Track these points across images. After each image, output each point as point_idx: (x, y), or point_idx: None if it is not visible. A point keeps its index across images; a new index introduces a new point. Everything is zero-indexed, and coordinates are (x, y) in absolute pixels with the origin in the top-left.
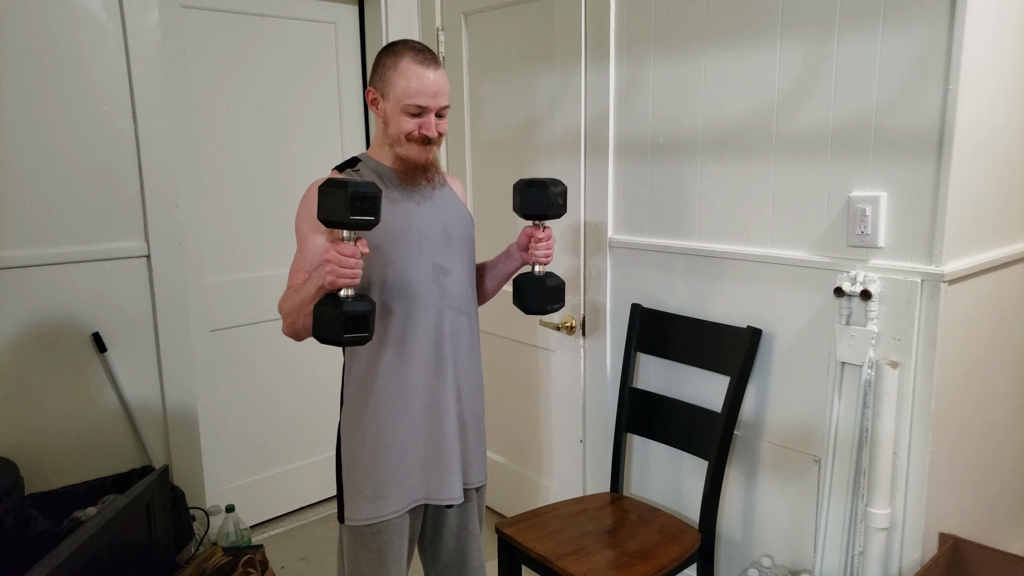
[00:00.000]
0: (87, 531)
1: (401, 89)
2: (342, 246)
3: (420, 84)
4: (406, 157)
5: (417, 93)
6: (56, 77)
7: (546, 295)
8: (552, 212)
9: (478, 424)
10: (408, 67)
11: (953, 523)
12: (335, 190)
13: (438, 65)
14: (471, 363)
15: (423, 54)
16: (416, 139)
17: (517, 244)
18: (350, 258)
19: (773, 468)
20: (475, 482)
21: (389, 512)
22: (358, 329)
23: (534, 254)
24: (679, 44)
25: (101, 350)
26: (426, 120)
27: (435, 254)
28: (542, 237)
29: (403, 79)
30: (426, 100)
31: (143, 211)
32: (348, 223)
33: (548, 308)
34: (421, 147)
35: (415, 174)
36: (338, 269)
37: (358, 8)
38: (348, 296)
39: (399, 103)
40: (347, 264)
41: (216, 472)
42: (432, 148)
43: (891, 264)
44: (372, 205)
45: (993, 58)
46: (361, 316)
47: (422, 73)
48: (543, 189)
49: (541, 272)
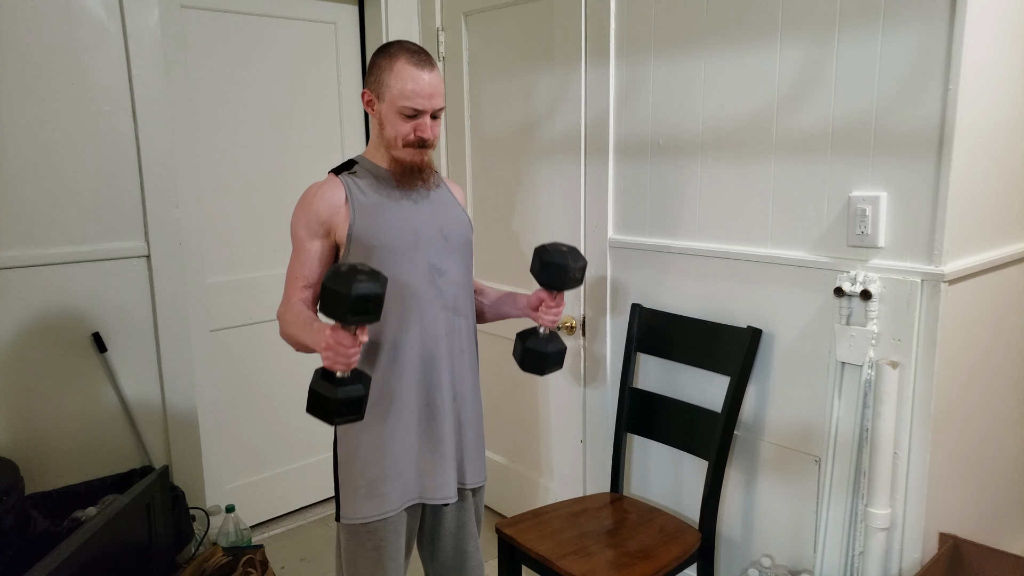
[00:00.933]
0: (87, 531)
1: (397, 91)
2: (342, 336)
3: (415, 86)
4: (401, 159)
5: (412, 95)
6: (56, 77)
7: (548, 359)
8: (568, 286)
9: (476, 424)
10: (403, 69)
11: (953, 523)
12: (337, 288)
13: (433, 66)
14: (468, 363)
15: (418, 55)
16: (412, 142)
17: (527, 303)
18: (350, 348)
19: (773, 468)
20: (473, 482)
21: (385, 511)
22: (351, 412)
23: (542, 317)
24: (679, 44)
25: (101, 350)
26: (421, 122)
27: (431, 255)
28: (553, 304)
29: (398, 81)
30: (421, 102)
31: (143, 211)
32: (350, 322)
33: (546, 372)
34: (416, 149)
35: (411, 176)
36: (335, 357)
37: (358, 8)
38: (344, 377)
39: (394, 105)
40: (345, 354)
41: (216, 472)
42: (427, 150)
43: (891, 264)
44: (375, 304)
45: (993, 58)
46: (355, 401)
47: (417, 75)
48: (563, 264)
49: (545, 332)
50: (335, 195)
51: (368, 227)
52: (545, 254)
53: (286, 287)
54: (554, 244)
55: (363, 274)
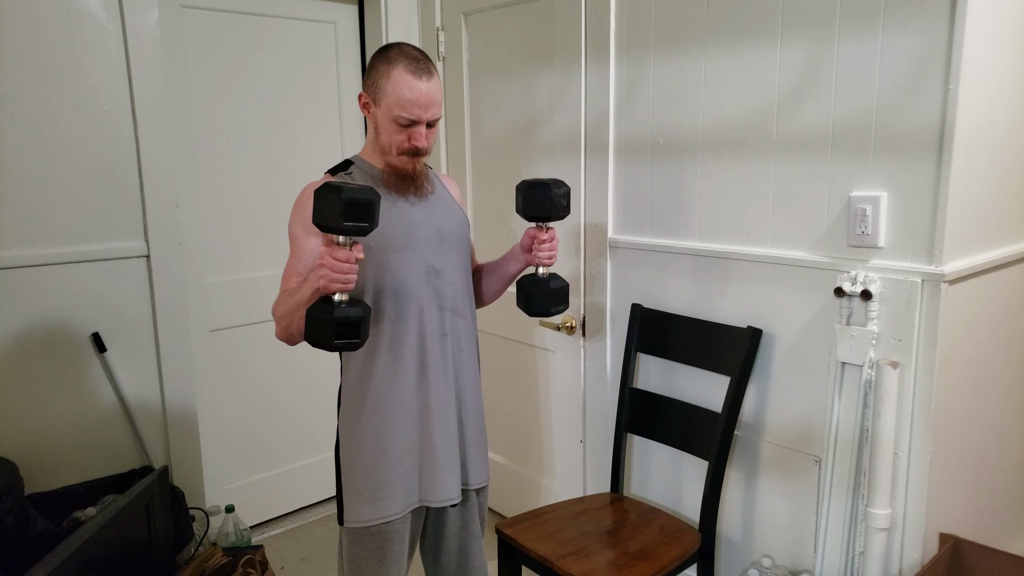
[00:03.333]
0: (87, 531)
1: (393, 99)
2: (336, 251)
3: (412, 96)
4: (394, 166)
5: (408, 105)
6: (56, 77)
7: (549, 297)
8: (555, 213)
9: (478, 425)
10: (401, 77)
11: (953, 523)
12: (330, 195)
13: (431, 74)
14: (468, 363)
15: (417, 63)
16: (406, 150)
17: (520, 245)
18: (344, 263)
19: (773, 468)
20: (476, 483)
21: (388, 514)
22: (349, 335)
23: (537, 255)
24: (679, 44)
25: (101, 350)
26: (416, 131)
27: (428, 255)
28: (545, 238)
29: (395, 89)
30: (417, 112)
31: (143, 211)
32: (343, 229)
33: (552, 310)
34: (409, 158)
35: (402, 183)
36: (331, 274)
37: (358, 8)
38: (342, 301)
39: (390, 112)
40: (341, 269)
41: (216, 472)
42: (419, 159)
43: (891, 264)
44: (368, 211)
45: (993, 58)
46: (353, 322)
47: (414, 84)
48: (546, 190)
49: (545, 273)
50: None
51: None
52: (526, 186)
53: (281, 285)
54: (534, 178)
55: (353, 184)
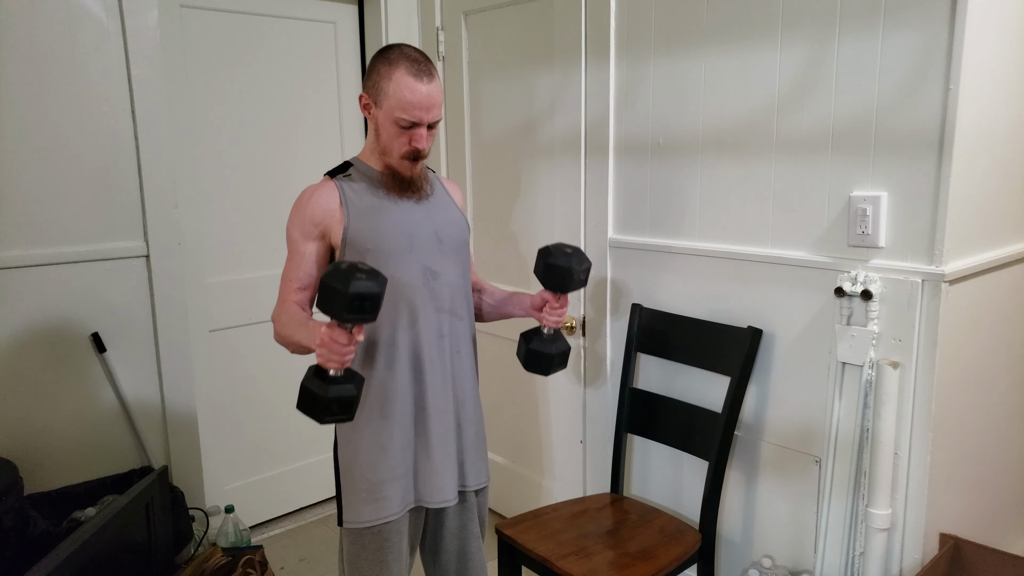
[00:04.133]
0: (86, 531)
1: (394, 101)
2: (338, 334)
3: (413, 98)
4: (393, 169)
5: (409, 107)
6: (56, 77)
7: (552, 360)
8: (573, 288)
9: (476, 426)
10: (402, 79)
11: (954, 523)
12: (335, 285)
13: (432, 76)
14: (466, 365)
15: (418, 64)
16: (406, 153)
17: (531, 303)
18: (345, 347)
19: (773, 468)
20: (474, 484)
21: (388, 514)
22: (340, 412)
23: (547, 318)
24: (679, 44)
25: (100, 350)
26: (417, 133)
27: (426, 258)
28: (557, 305)
29: (396, 91)
30: (418, 114)
31: (142, 211)
32: (346, 319)
33: (551, 372)
34: (409, 162)
35: (401, 186)
36: (329, 354)
37: (358, 8)
38: (337, 375)
39: (391, 115)
40: (339, 352)
41: (215, 472)
42: (419, 163)
43: (892, 264)
44: (372, 304)
45: (993, 58)
46: (346, 400)
47: (415, 86)
48: (568, 265)
49: (549, 332)
50: (329, 198)
51: (362, 230)
52: (549, 256)
53: (280, 290)
54: (558, 245)
55: (362, 272)
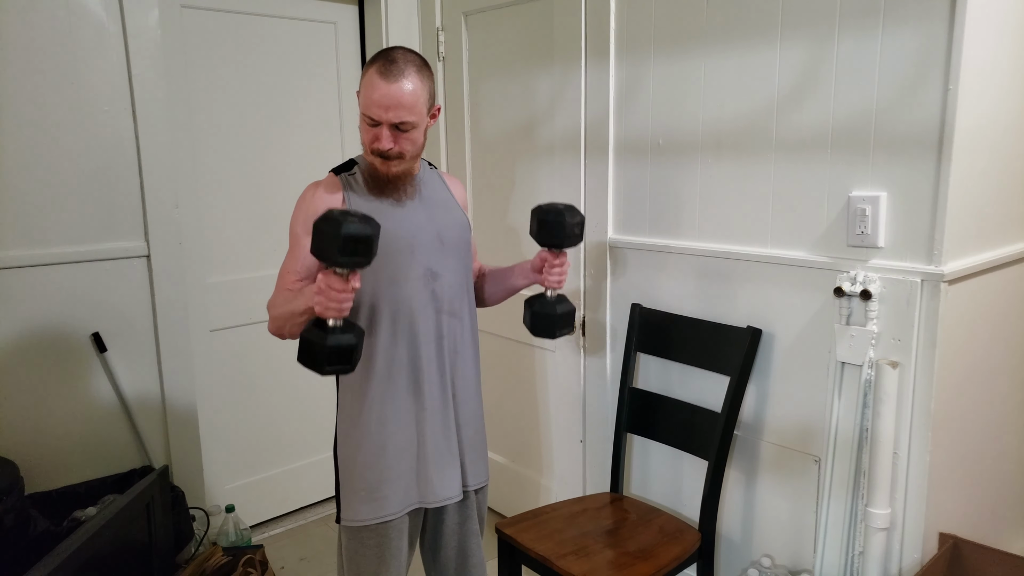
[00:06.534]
0: (87, 531)
1: (363, 99)
2: (333, 280)
3: (373, 95)
4: (371, 167)
5: (369, 103)
6: (56, 77)
7: (556, 320)
8: (569, 242)
9: (476, 425)
10: (370, 75)
11: (953, 523)
12: (328, 229)
13: (401, 78)
14: (467, 365)
15: (392, 65)
16: (371, 151)
17: (531, 266)
18: (340, 292)
19: (773, 468)
20: (474, 484)
21: (385, 514)
22: (340, 361)
23: (548, 278)
24: (679, 44)
25: (101, 350)
26: (378, 131)
27: (427, 258)
28: (556, 263)
29: (365, 88)
30: (377, 112)
31: (143, 211)
32: (340, 263)
33: (557, 333)
34: (382, 160)
35: (381, 186)
36: (326, 302)
37: (358, 8)
38: (336, 326)
39: (362, 111)
40: (337, 299)
41: (216, 472)
42: (392, 163)
43: (891, 264)
44: (366, 246)
45: (993, 58)
46: (345, 349)
47: (378, 83)
48: (560, 219)
49: (553, 295)
50: (333, 196)
51: None
52: (541, 212)
53: (277, 283)
54: (550, 203)
55: (354, 216)
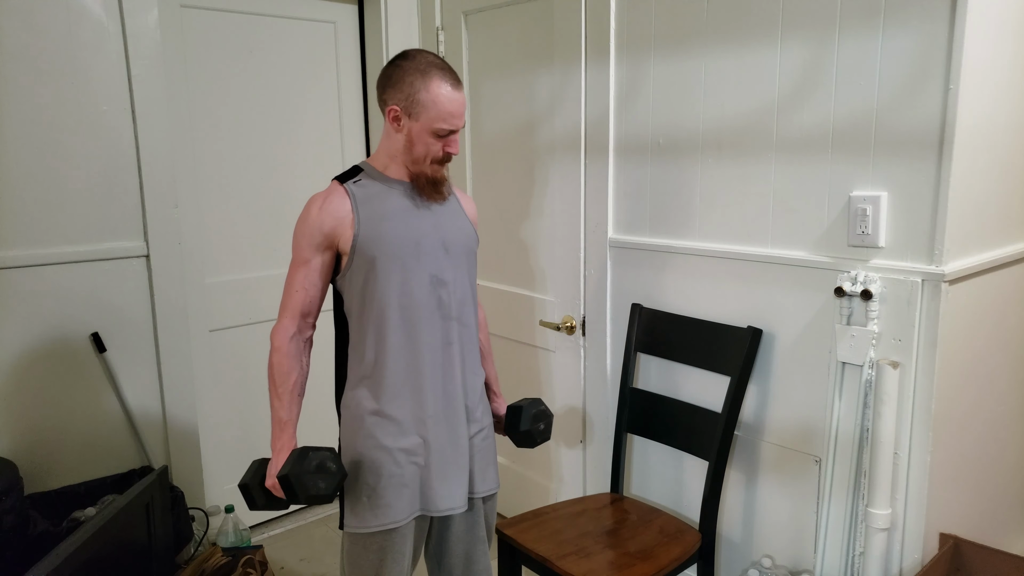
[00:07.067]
0: (87, 531)
1: (434, 112)
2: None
3: (452, 108)
4: (425, 175)
5: (451, 117)
6: (56, 77)
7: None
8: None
9: (484, 432)
10: (440, 89)
11: (954, 523)
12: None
13: (461, 82)
14: (475, 372)
15: (451, 74)
16: (440, 159)
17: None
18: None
19: (773, 468)
20: (482, 491)
21: (389, 521)
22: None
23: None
24: (679, 44)
25: (100, 350)
26: (452, 139)
27: (433, 265)
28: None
29: (435, 102)
30: (456, 123)
31: (142, 211)
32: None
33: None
34: (438, 166)
35: (434, 191)
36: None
37: (358, 8)
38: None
39: (430, 125)
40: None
41: (215, 472)
42: (446, 166)
43: (892, 264)
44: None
45: (993, 58)
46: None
47: (453, 96)
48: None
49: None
50: (340, 206)
51: (371, 237)
52: (518, 422)
53: (284, 301)
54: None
55: (322, 480)
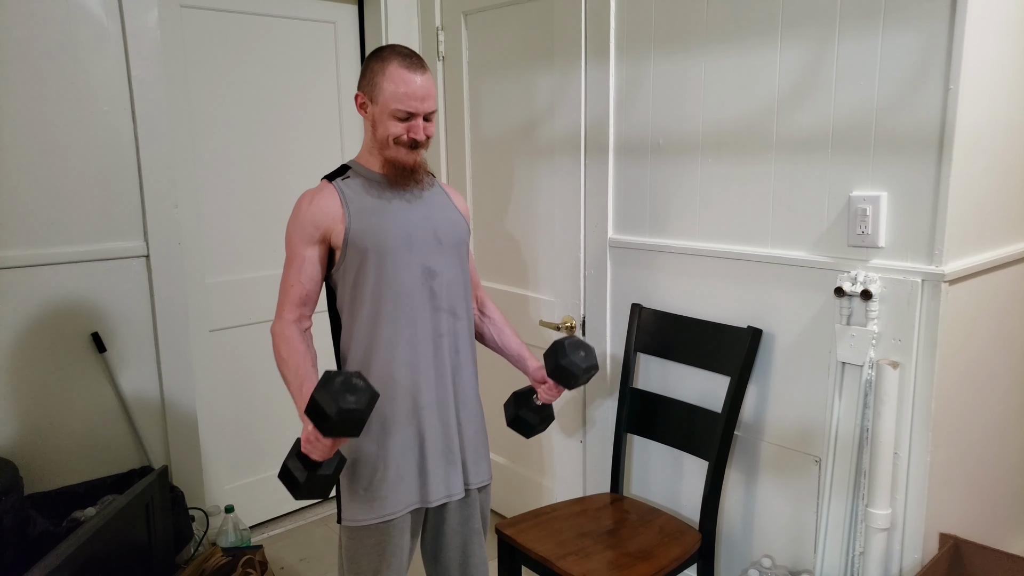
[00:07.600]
0: (86, 531)
1: (389, 94)
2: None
3: (408, 89)
4: (394, 160)
5: (404, 98)
6: (56, 77)
7: (534, 430)
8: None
9: (476, 424)
10: (396, 72)
11: (954, 523)
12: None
13: (425, 69)
14: (465, 364)
15: (410, 59)
16: (404, 143)
17: (532, 370)
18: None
19: (773, 468)
20: (476, 482)
21: (385, 514)
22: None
23: (542, 394)
24: (679, 44)
25: (100, 350)
26: (414, 124)
27: (424, 256)
28: (556, 391)
29: (391, 84)
30: (414, 104)
31: (142, 211)
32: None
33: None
34: (409, 150)
35: (404, 177)
36: (311, 449)
37: (358, 8)
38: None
39: (387, 107)
40: (321, 450)
41: (215, 472)
42: (418, 152)
43: (892, 264)
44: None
45: (993, 58)
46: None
47: (409, 78)
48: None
49: (539, 403)
50: (329, 201)
51: (362, 230)
52: (561, 356)
53: (280, 299)
54: (572, 342)
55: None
